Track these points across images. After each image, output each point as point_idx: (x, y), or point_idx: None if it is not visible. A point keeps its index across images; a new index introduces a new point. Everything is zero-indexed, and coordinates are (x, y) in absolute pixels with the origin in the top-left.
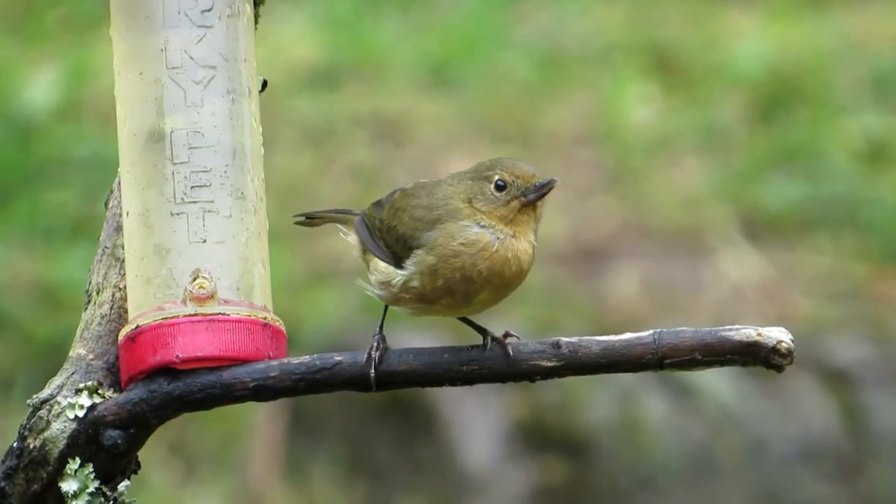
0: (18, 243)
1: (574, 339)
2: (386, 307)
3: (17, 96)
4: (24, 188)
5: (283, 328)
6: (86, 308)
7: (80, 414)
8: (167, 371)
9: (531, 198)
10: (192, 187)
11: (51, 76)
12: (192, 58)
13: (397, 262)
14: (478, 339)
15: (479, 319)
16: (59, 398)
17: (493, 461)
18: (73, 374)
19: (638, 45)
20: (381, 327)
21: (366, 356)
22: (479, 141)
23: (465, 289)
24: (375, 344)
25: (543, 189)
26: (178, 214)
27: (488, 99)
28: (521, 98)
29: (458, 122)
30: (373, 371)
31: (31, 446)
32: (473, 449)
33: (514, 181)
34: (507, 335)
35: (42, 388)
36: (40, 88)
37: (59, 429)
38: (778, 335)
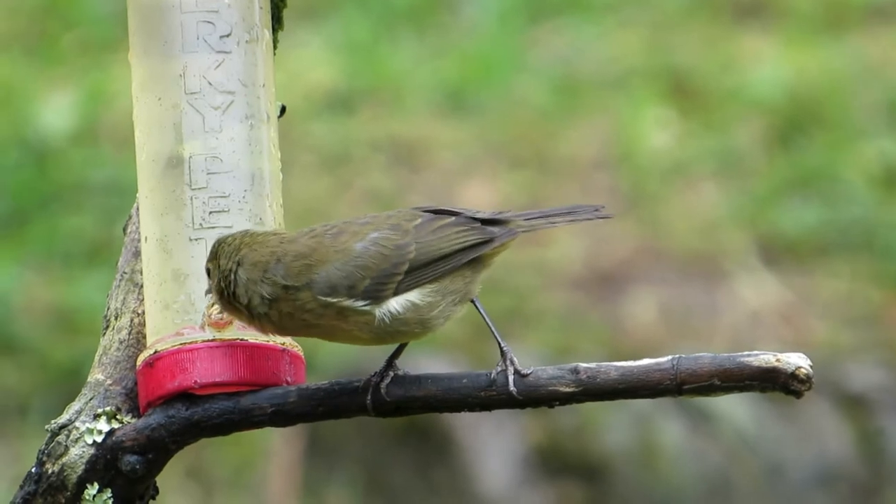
0: (35, 267)
1: (592, 365)
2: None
3: (33, 120)
4: (40, 212)
5: (300, 353)
6: (104, 333)
7: (99, 439)
8: (185, 396)
9: None
10: (210, 213)
11: (67, 100)
12: (210, 83)
13: None
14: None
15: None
16: (77, 423)
17: (509, 485)
18: (91, 399)
19: (655, 69)
20: (392, 356)
21: (364, 382)
22: (495, 166)
23: None
24: (379, 370)
25: None
26: (196, 240)
27: (505, 123)
28: (537, 123)
29: (475, 146)
30: (369, 397)
31: (50, 471)
32: (490, 473)
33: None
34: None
35: (59, 413)
36: (57, 112)
37: (78, 454)
38: (797, 361)
